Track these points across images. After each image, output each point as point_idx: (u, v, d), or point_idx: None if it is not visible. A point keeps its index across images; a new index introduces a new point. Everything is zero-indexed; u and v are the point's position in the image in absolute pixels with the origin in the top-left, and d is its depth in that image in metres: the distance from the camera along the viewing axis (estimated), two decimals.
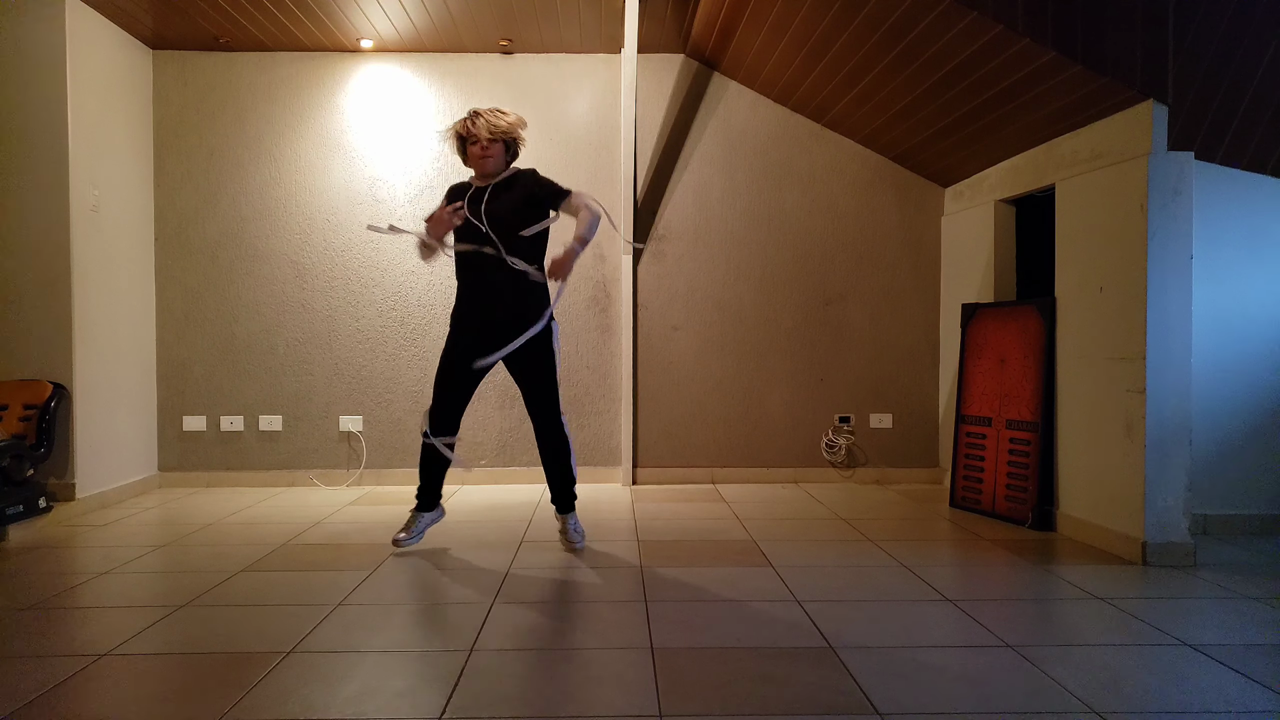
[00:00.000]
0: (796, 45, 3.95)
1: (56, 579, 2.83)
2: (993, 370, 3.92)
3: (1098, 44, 3.03)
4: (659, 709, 1.83)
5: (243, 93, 4.58)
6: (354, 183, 4.61)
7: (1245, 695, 1.92)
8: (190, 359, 4.58)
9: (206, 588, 2.73)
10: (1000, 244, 4.13)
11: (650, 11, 4.14)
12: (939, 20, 3.17)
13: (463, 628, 2.34)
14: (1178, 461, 3.02)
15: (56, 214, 3.83)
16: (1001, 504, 3.76)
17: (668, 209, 4.70)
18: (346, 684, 1.97)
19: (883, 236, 4.72)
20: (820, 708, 1.84)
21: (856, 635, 2.28)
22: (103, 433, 4.07)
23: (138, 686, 1.96)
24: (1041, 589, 2.75)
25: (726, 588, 2.72)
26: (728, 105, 4.70)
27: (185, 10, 4.02)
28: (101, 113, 4.08)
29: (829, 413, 4.73)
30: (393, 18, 4.15)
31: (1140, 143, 3.08)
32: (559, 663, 2.09)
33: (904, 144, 4.43)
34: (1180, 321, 3.03)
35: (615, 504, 4.13)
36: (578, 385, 4.69)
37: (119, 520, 3.76)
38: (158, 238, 4.56)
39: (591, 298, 4.69)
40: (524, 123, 3.18)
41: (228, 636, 2.28)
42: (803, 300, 4.72)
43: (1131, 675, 2.02)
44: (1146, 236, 3.03)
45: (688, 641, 2.24)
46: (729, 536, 3.43)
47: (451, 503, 4.14)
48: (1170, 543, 3.01)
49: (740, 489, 4.52)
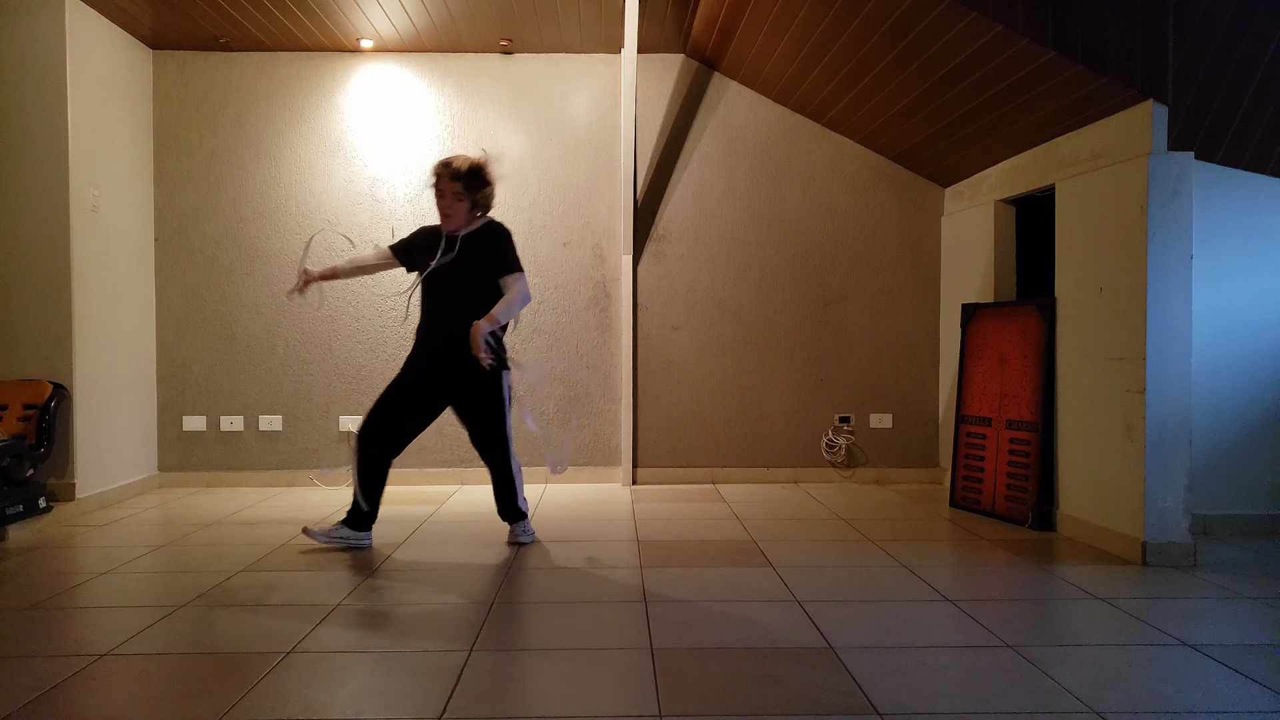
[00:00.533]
0: (796, 45, 3.95)
1: (56, 579, 2.83)
2: (993, 370, 3.92)
3: (1097, 44, 3.03)
4: (659, 709, 1.83)
5: (243, 93, 4.58)
6: (354, 183, 4.61)
7: (1245, 695, 1.92)
8: (190, 359, 4.58)
9: (206, 588, 2.73)
10: (1000, 244, 4.13)
11: (650, 11, 4.14)
12: (939, 20, 3.17)
13: (463, 628, 2.34)
14: (1178, 461, 3.02)
15: (56, 214, 3.83)
16: (1001, 504, 3.76)
17: (668, 209, 4.70)
18: (346, 684, 1.97)
19: (883, 236, 4.72)
20: (820, 708, 1.84)
21: (856, 635, 2.28)
22: (103, 433, 4.07)
23: (138, 686, 1.96)
24: (1041, 589, 2.74)
25: (726, 588, 2.72)
26: (728, 105, 4.70)
27: (185, 10, 4.02)
28: (101, 113, 4.08)
29: (829, 413, 4.73)
30: (393, 18, 4.15)
31: (1140, 143, 3.08)
32: (559, 663, 2.09)
33: (904, 144, 4.43)
34: (1180, 321, 3.03)
35: (615, 504, 4.13)
36: (578, 385, 4.69)
37: (119, 520, 3.76)
38: (158, 238, 4.56)
39: (591, 298, 4.69)
40: (489, 170, 3.22)
41: (228, 636, 2.28)
42: (803, 300, 4.72)
43: (1131, 675, 2.02)
44: (1146, 236, 3.03)
45: (688, 641, 2.24)
46: (729, 536, 3.43)
47: (451, 503, 4.14)
48: (1170, 543, 3.01)
49: (740, 489, 4.52)
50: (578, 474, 4.69)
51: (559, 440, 4.67)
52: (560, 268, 4.68)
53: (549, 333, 4.68)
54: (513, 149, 4.66)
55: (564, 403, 4.69)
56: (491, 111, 4.65)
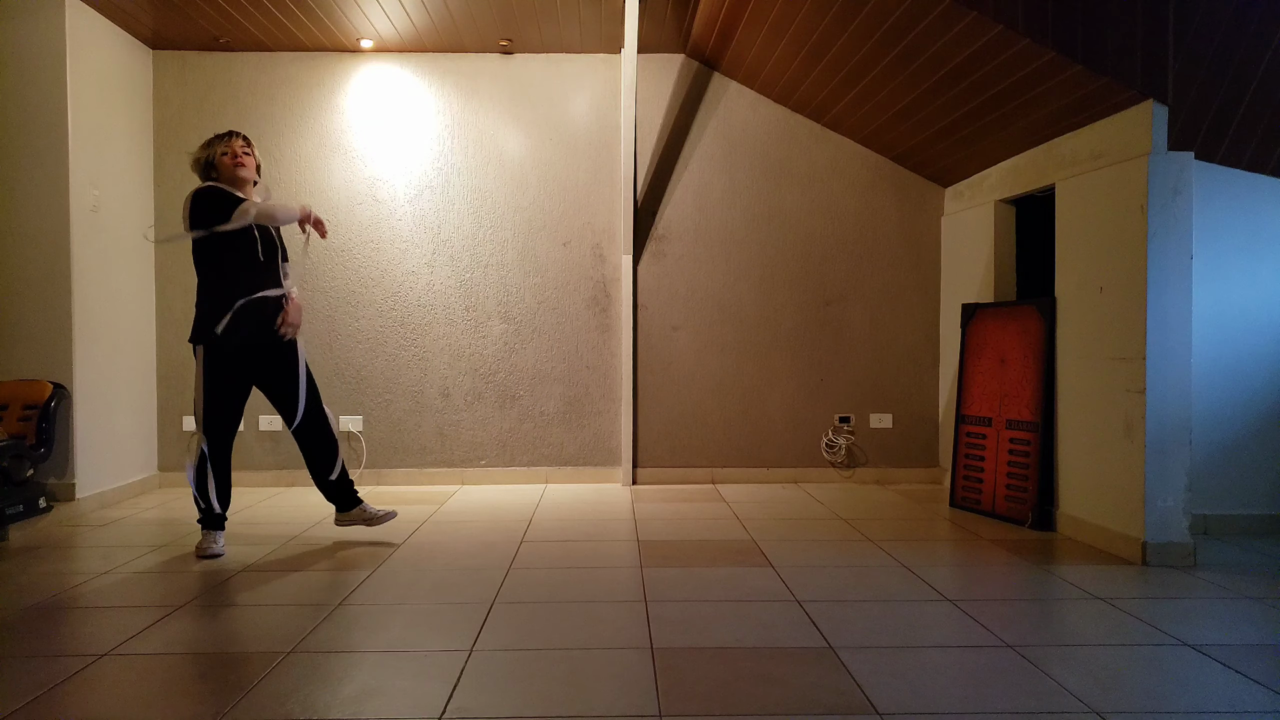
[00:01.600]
0: (796, 45, 3.95)
1: (56, 579, 2.83)
2: (993, 370, 3.92)
3: (1098, 44, 3.03)
4: (659, 709, 1.83)
5: (243, 93, 4.58)
6: (354, 183, 4.61)
7: (1245, 695, 1.92)
8: (190, 359, 4.56)
9: (206, 588, 2.73)
10: (1000, 244, 4.13)
11: (650, 11, 4.14)
12: (939, 20, 3.17)
13: (463, 628, 2.34)
14: (1178, 461, 3.02)
15: (56, 214, 3.83)
16: (1001, 504, 3.76)
17: (668, 209, 4.70)
18: (346, 684, 1.97)
19: (883, 236, 4.72)
20: (820, 708, 1.84)
21: (856, 635, 2.28)
22: (103, 433, 4.07)
23: (138, 686, 1.96)
24: (1041, 589, 2.74)
25: (726, 588, 2.72)
26: (728, 105, 4.70)
27: (185, 10, 4.02)
28: (101, 113, 4.08)
29: (829, 413, 4.73)
30: (393, 18, 4.15)
31: (1140, 143, 3.08)
32: (559, 663, 2.09)
33: (904, 144, 4.43)
34: (1180, 321, 3.03)
35: (615, 504, 4.13)
36: (578, 385, 4.70)
37: (119, 520, 3.76)
38: (158, 238, 4.56)
39: (591, 298, 4.69)
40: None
41: (228, 636, 2.28)
42: (803, 300, 4.72)
43: (1131, 675, 2.02)
44: (1146, 237, 3.03)
45: (688, 641, 2.24)
46: (729, 536, 3.43)
47: (451, 503, 4.14)
48: (1170, 543, 3.01)
49: (740, 489, 4.52)
50: (578, 474, 4.69)
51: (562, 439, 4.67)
52: (560, 268, 4.68)
53: (549, 333, 4.68)
54: (513, 149, 4.66)
55: (564, 403, 4.69)
56: (491, 111, 4.65)
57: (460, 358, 4.66)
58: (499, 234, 4.66)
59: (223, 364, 3.11)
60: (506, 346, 4.67)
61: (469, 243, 4.65)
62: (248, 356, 3.16)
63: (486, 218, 4.66)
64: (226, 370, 3.12)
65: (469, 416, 4.65)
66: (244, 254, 3.11)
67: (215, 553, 3.10)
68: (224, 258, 3.09)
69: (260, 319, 3.14)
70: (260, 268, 3.14)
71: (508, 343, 4.67)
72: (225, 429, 3.14)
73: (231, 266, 3.09)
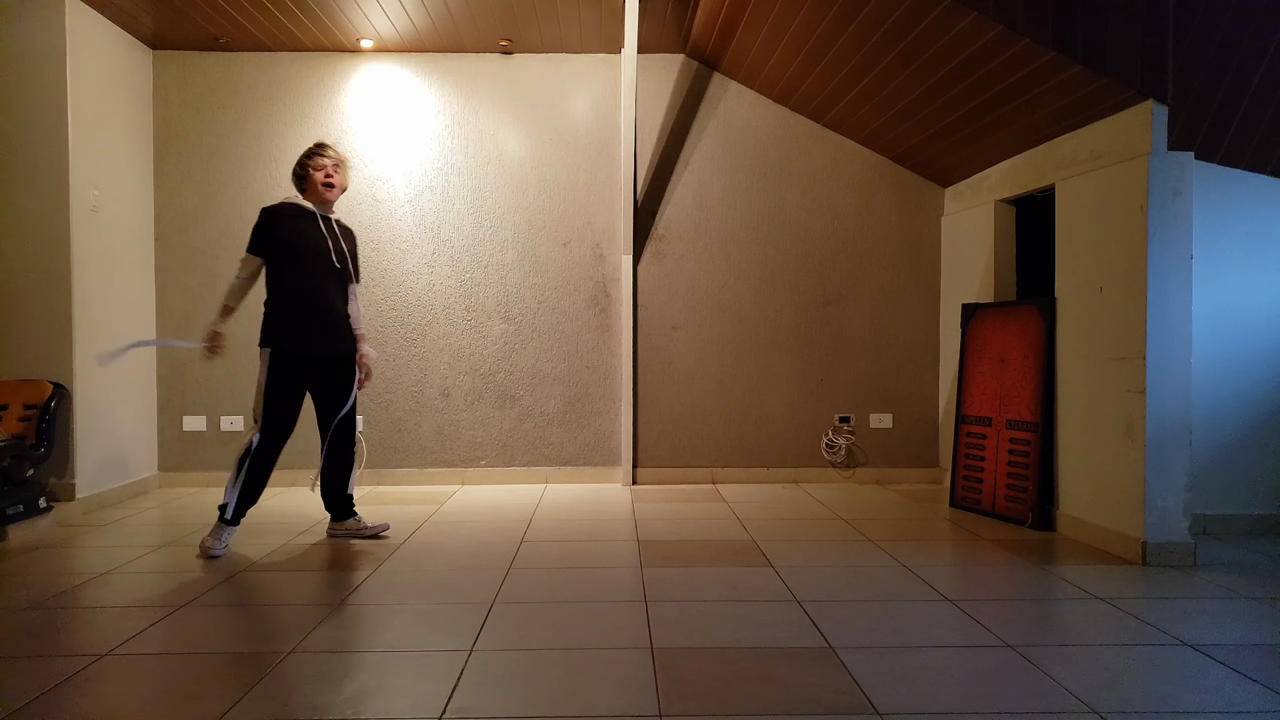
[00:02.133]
0: (796, 45, 3.95)
1: (56, 579, 2.83)
2: (993, 370, 3.92)
3: (1098, 44, 3.03)
4: (659, 709, 1.83)
5: (243, 93, 4.58)
6: (354, 183, 4.61)
7: (1245, 695, 1.92)
8: (190, 359, 4.58)
9: (206, 588, 2.73)
10: (1000, 244, 4.13)
11: (650, 11, 4.14)
12: (939, 20, 3.17)
13: (463, 628, 2.34)
14: (1178, 461, 3.02)
15: (56, 214, 3.83)
16: (1001, 504, 3.76)
17: (668, 209, 4.70)
18: (346, 684, 1.97)
19: (883, 236, 4.72)
20: (820, 708, 1.84)
21: (856, 635, 2.28)
22: (103, 433, 4.07)
23: (138, 686, 1.96)
24: (1041, 589, 2.74)
25: (726, 588, 2.72)
26: (728, 105, 4.70)
27: (185, 10, 4.02)
28: (101, 113, 4.08)
29: (829, 413, 4.73)
30: (393, 18, 4.15)
31: (1140, 143, 3.08)
32: (559, 663, 2.10)
33: (904, 144, 4.43)
34: (1180, 321, 3.03)
35: (615, 504, 4.13)
36: (578, 385, 4.70)
37: (119, 520, 3.76)
38: (158, 238, 4.56)
39: (591, 298, 4.69)
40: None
41: (228, 636, 2.28)
42: (803, 300, 4.72)
43: (1131, 675, 2.02)
44: (1146, 237, 3.03)
45: (688, 641, 2.24)
46: (729, 536, 3.43)
47: (452, 503, 4.14)
48: (1170, 543, 3.01)
49: (740, 489, 4.52)
50: (578, 474, 4.69)
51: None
52: (560, 267, 4.68)
53: (549, 333, 4.68)
54: (513, 149, 4.66)
55: (564, 403, 4.70)
56: (491, 111, 4.65)
57: (460, 358, 4.66)
58: (499, 234, 4.66)
59: (286, 370, 3.20)
60: (506, 346, 4.67)
61: (469, 243, 4.65)
62: (309, 365, 3.26)
63: (486, 218, 4.66)
64: (289, 376, 3.21)
65: (469, 416, 4.65)
66: (313, 266, 3.25)
67: (216, 552, 3.11)
68: (291, 268, 3.22)
69: (325, 332, 3.26)
70: (328, 282, 3.27)
71: (508, 343, 4.68)
72: (281, 431, 3.21)
73: (296, 278, 3.21)
